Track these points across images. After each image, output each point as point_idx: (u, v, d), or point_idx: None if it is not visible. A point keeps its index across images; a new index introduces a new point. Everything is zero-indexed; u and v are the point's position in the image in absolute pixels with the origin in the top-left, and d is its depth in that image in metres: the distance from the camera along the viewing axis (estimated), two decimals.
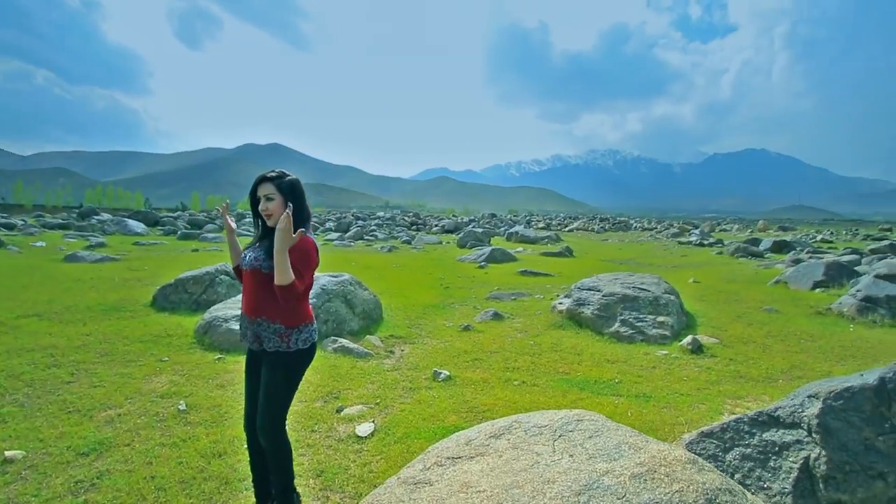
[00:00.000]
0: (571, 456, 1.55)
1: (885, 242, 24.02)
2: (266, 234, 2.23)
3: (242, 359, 4.91)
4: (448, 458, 1.77)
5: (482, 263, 14.63)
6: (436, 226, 38.32)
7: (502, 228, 34.66)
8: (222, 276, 6.75)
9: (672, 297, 6.64)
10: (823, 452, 1.80)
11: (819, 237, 32.55)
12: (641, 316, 6.13)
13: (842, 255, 16.38)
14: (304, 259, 2.04)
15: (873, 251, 19.52)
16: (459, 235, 24.05)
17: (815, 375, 4.66)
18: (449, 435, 3.38)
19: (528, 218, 62.82)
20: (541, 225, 44.49)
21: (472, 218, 52.33)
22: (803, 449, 1.85)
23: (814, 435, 1.86)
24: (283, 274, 1.94)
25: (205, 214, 34.76)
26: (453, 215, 59.30)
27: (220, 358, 4.85)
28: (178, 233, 22.34)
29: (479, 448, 1.78)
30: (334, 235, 23.42)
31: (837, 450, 1.80)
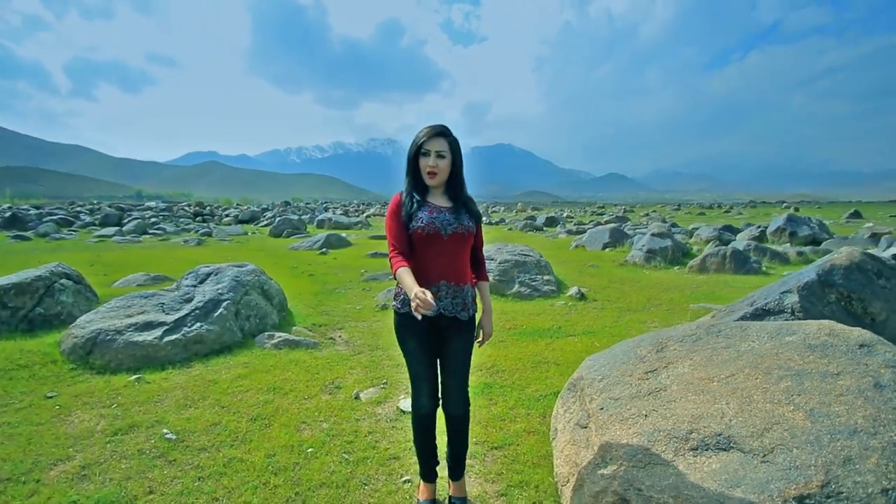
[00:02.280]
0: (756, 340, 2.13)
1: (611, 216, 33.24)
2: (424, 192, 2.10)
3: (168, 373, 4.07)
4: (646, 373, 2.12)
5: (323, 250, 14.11)
6: (227, 216, 34.04)
7: (307, 216, 33.32)
8: (63, 281, 4.94)
9: (545, 260, 8.01)
10: None
11: (565, 214, 42.02)
12: (533, 276, 7.26)
13: (594, 226, 22.00)
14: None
15: (607, 222, 26.83)
16: (273, 225, 22.20)
17: (664, 301, 6.52)
18: (487, 390, 3.61)
19: (324, 205, 61.36)
20: (339, 212, 44.17)
21: (266, 207, 48.28)
22: None
23: (797, 314, 2.97)
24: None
25: None
26: (238, 205, 53.13)
27: (138, 378, 3.77)
28: None
29: (661, 360, 2.19)
30: (109, 231, 18.46)
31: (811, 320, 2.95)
